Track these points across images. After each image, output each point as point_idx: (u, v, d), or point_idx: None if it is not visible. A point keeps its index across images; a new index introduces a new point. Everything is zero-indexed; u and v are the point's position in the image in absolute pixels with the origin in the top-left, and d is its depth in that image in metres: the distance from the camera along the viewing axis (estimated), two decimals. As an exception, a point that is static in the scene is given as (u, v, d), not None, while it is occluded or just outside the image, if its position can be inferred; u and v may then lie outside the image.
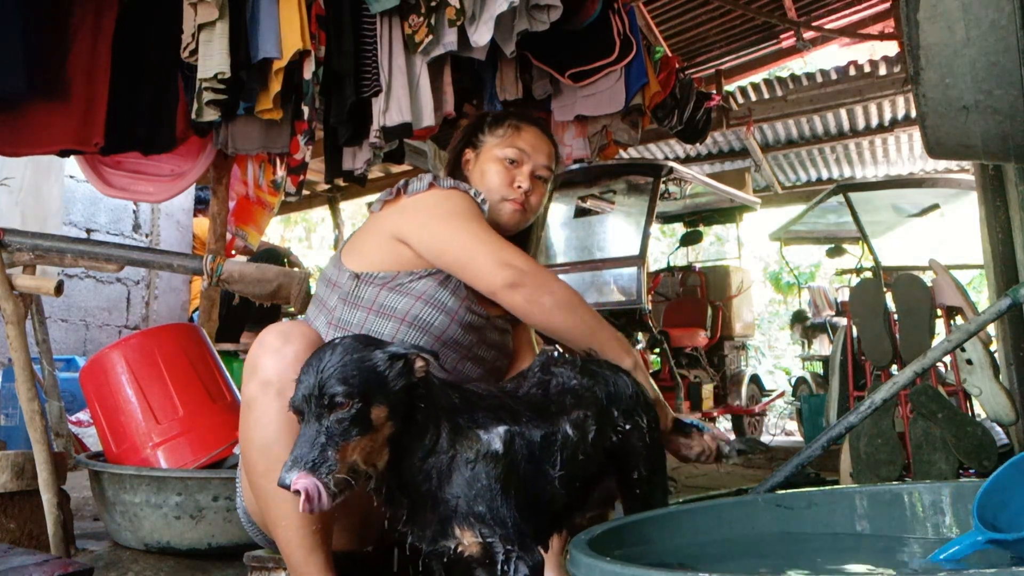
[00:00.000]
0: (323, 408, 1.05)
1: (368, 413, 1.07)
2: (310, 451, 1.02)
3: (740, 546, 1.25)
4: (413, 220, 1.57)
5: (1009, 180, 2.87)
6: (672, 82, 4.24)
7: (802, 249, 11.14)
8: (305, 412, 1.06)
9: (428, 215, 1.56)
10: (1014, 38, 1.54)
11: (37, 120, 2.70)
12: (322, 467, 1.02)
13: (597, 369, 1.41)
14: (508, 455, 1.15)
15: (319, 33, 2.77)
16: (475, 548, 1.13)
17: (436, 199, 1.58)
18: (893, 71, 5.96)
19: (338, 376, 1.06)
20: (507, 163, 1.70)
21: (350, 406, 1.05)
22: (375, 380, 1.08)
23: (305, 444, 1.03)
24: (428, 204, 1.57)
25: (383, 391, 1.09)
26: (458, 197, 1.58)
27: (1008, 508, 1.09)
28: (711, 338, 6.46)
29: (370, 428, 1.07)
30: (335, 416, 1.05)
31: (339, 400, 1.05)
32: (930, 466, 2.66)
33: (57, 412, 2.53)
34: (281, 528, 1.31)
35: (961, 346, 2.62)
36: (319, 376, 1.06)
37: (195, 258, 2.51)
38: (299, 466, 1.01)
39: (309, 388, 1.06)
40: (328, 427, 1.04)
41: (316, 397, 1.05)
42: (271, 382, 1.30)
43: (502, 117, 1.78)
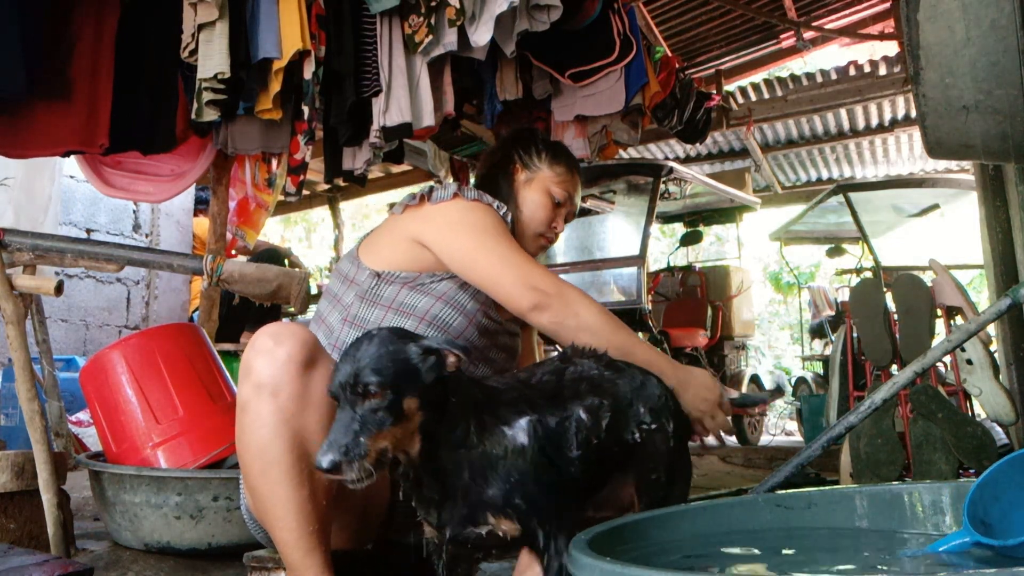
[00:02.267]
0: (357, 396, 1.10)
1: (400, 403, 1.11)
2: (344, 436, 1.07)
3: (740, 545, 1.25)
4: (438, 230, 1.57)
5: (1009, 180, 2.87)
6: (672, 82, 4.25)
7: (802, 249, 11.15)
8: (341, 399, 1.11)
9: (454, 228, 1.56)
10: (1014, 38, 1.54)
11: (41, 122, 2.70)
12: (354, 451, 1.06)
13: (625, 367, 1.43)
14: (533, 445, 1.22)
15: (319, 33, 2.77)
16: (515, 532, 1.20)
17: (462, 211, 1.57)
18: (893, 71, 5.96)
19: (373, 367, 1.10)
20: (555, 203, 1.77)
21: (383, 396, 1.10)
22: (408, 372, 1.13)
23: (340, 429, 1.08)
24: (454, 216, 1.57)
25: (415, 383, 1.13)
26: (483, 211, 1.58)
27: (999, 502, 1.09)
28: (711, 338, 6.46)
29: (402, 417, 1.12)
30: (369, 404, 1.09)
31: (373, 390, 1.10)
32: (930, 466, 2.66)
33: (57, 412, 2.53)
34: (279, 529, 1.31)
35: (961, 346, 2.62)
36: (355, 365, 1.11)
37: (195, 258, 2.51)
38: (333, 450, 1.06)
39: (346, 376, 1.11)
40: (362, 415, 1.09)
41: (351, 385, 1.10)
42: (264, 385, 1.30)
43: (560, 154, 1.82)
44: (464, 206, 1.58)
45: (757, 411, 6.76)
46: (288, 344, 1.31)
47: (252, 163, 4.06)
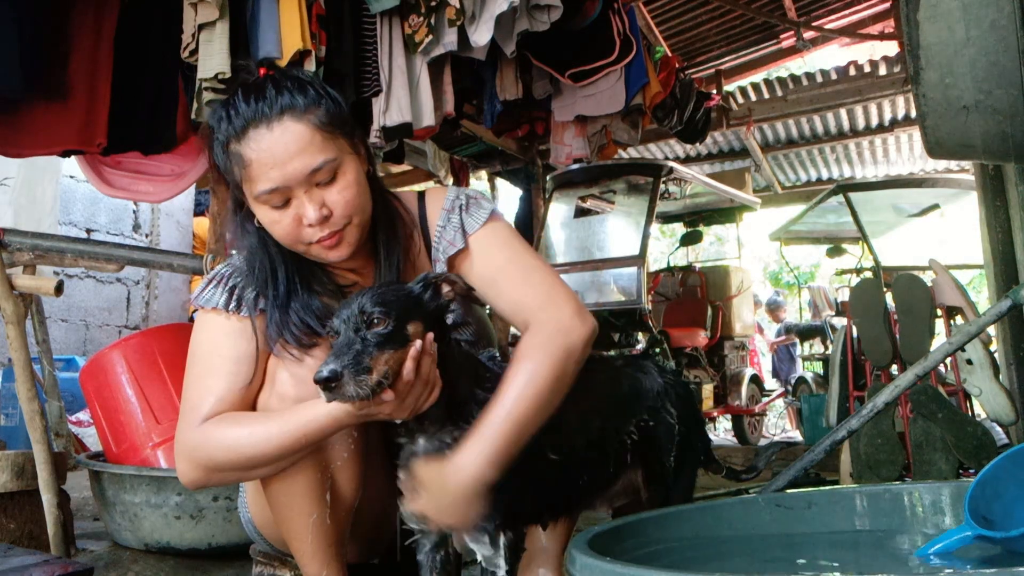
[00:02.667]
0: (361, 323, 1.12)
1: (404, 329, 1.13)
2: (347, 352, 1.07)
3: (740, 546, 1.26)
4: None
5: (1009, 180, 2.87)
6: (672, 82, 4.25)
7: (802, 249, 11.15)
8: (342, 330, 1.13)
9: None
10: (1014, 38, 1.54)
11: (40, 121, 2.70)
12: (357, 366, 1.06)
13: (627, 357, 1.47)
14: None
15: (319, 33, 2.76)
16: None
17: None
18: (893, 71, 5.96)
19: (376, 300, 1.14)
20: (275, 208, 1.24)
21: (387, 323, 1.12)
22: (410, 302, 1.17)
23: (342, 347, 1.09)
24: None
25: (418, 310, 1.17)
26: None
27: (1001, 499, 1.10)
28: (711, 338, 6.46)
29: (406, 342, 1.12)
30: (373, 331, 1.11)
31: (376, 318, 1.12)
32: (930, 466, 2.66)
33: (57, 412, 2.53)
34: (299, 540, 1.31)
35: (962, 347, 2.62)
36: (359, 301, 1.13)
37: (195, 258, 2.51)
38: (333, 362, 1.06)
39: (349, 312, 1.13)
40: (364, 336, 1.10)
41: (356, 316, 1.12)
42: (288, 397, 1.27)
43: (217, 143, 1.26)
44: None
45: (757, 410, 6.76)
46: (318, 356, 1.26)
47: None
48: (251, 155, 1.20)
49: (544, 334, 1.27)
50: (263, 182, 1.21)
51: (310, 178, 1.21)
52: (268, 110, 1.20)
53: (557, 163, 3.99)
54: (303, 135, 1.20)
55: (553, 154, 3.92)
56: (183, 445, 1.26)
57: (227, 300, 1.31)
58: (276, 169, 1.20)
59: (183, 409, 1.29)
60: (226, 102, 1.25)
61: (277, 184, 1.20)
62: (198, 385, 1.29)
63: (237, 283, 1.33)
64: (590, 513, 1.65)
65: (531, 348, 1.25)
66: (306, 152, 1.20)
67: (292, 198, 1.22)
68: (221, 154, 1.26)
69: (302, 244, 1.26)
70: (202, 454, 1.24)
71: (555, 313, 1.29)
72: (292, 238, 1.25)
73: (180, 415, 1.29)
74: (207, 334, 1.32)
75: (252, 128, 1.20)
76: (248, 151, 1.20)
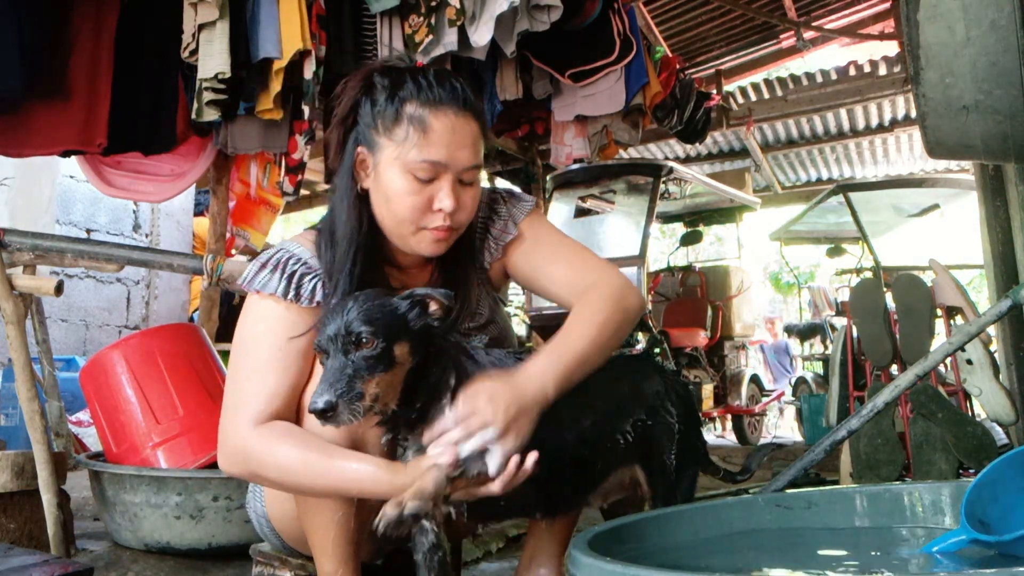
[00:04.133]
0: (349, 345, 1.12)
1: (391, 350, 1.14)
2: (339, 380, 1.09)
3: (740, 546, 1.26)
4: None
5: (1009, 180, 2.86)
6: (672, 82, 4.25)
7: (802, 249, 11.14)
8: (331, 351, 1.13)
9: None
10: (1014, 38, 1.54)
11: (40, 121, 2.70)
12: (349, 394, 1.08)
13: (626, 357, 1.48)
14: None
15: (319, 33, 2.77)
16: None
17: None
18: (893, 71, 5.96)
19: (363, 318, 1.13)
20: (418, 180, 1.27)
21: (374, 344, 1.12)
22: (397, 321, 1.16)
23: (334, 374, 1.10)
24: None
25: (405, 330, 1.16)
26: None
27: (998, 502, 1.10)
28: (711, 338, 6.45)
29: (393, 364, 1.14)
30: (361, 353, 1.12)
31: (364, 338, 1.12)
32: (930, 466, 2.66)
33: (57, 412, 2.53)
34: (320, 536, 1.31)
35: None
36: (345, 318, 1.13)
37: (195, 258, 2.51)
38: (328, 392, 1.08)
39: (336, 329, 1.13)
40: (354, 361, 1.11)
41: (343, 336, 1.12)
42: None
43: (393, 97, 1.28)
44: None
45: (757, 410, 6.76)
46: None
47: (261, 165, 4.05)
48: (437, 124, 1.27)
49: (603, 292, 1.34)
50: (432, 152, 1.26)
51: (462, 172, 1.30)
52: (460, 100, 1.29)
53: (557, 163, 3.98)
54: (476, 135, 1.32)
55: (553, 154, 3.92)
56: (233, 443, 1.27)
57: (286, 288, 1.31)
58: (450, 148, 1.27)
59: (232, 400, 1.30)
60: (411, 72, 1.31)
61: (443, 160, 1.27)
62: (252, 377, 1.29)
63: (296, 270, 1.33)
64: (589, 512, 1.65)
65: (592, 300, 1.33)
66: (474, 148, 1.31)
67: (438, 180, 1.28)
68: (384, 107, 1.29)
69: (415, 225, 1.30)
70: (253, 462, 1.25)
71: (613, 278, 1.38)
72: (415, 214, 1.28)
73: (228, 406, 1.30)
74: (264, 323, 1.32)
75: (446, 105, 1.28)
76: (436, 120, 1.27)
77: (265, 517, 1.51)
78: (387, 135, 1.28)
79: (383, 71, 1.33)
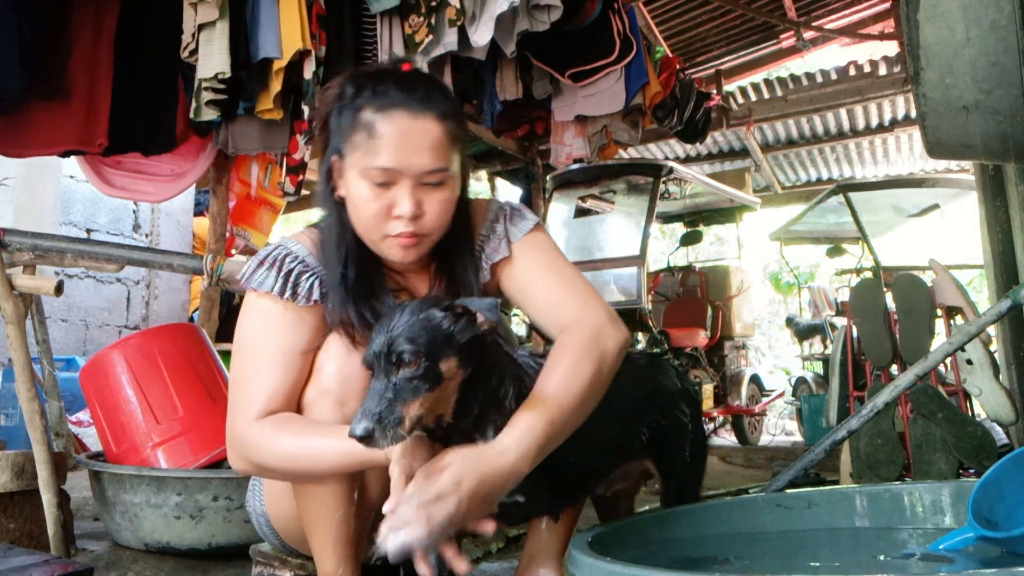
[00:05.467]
0: (392, 365, 1.08)
1: (437, 368, 1.10)
2: (377, 404, 1.05)
3: (740, 545, 1.26)
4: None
5: (1009, 180, 2.87)
6: (672, 82, 4.25)
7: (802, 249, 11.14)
8: (375, 369, 1.10)
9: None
10: (1014, 38, 1.54)
11: (41, 121, 2.70)
12: (387, 419, 1.04)
13: (653, 357, 1.51)
14: None
15: (319, 33, 2.77)
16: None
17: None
18: (893, 71, 5.96)
19: (407, 335, 1.09)
20: (376, 186, 1.24)
21: (418, 364, 1.08)
22: (442, 337, 1.11)
23: (374, 397, 1.06)
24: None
25: (451, 345, 1.12)
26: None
27: (1004, 501, 1.10)
28: (711, 338, 6.46)
29: (440, 381, 1.10)
30: (403, 373, 1.08)
31: (407, 358, 1.08)
32: (930, 466, 2.66)
33: (57, 412, 2.53)
34: (320, 534, 1.31)
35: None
36: (388, 335, 1.10)
37: (195, 258, 2.51)
38: (367, 417, 1.04)
39: (379, 346, 1.10)
40: (396, 383, 1.07)
41: (385, 355, 1.09)
42: (331, 391, 1.27)
43: (352, 105, 1.26)
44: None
45: (757, 410, 6.77)
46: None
47: (262, 165, 4.05)
48: (384, 129, 1.22)
49: (580, 336, 1.27)
50: (381, 158, 1.22)
51: (421, 176, 1.23)
52: (418, 102, 1.23)
53: (557, 163, 3.98)
54: (437, 137, 1.24)
55: (553, 154, 3.92)
56: (238, 439, 1.27)
57: (282, 286, 1.31)
58: (400, 153, 1.22)
59: (235, 399, 1.29)
60: (375, 76, 1.27)
61: (393, 165, 1.22)
62: (253, 376, 1.28)
63: (292, 268, 1.33)
64: (589, 512, 1.65)
65: (568, 348, 1.26)
66: (434, 152, 1.23)
67: (395, 185, 1.23)
68: (345, 115, 1.26)
69: (379, 232, 1.26)
70: (256, 455, 1.25)
71: (591, 318, 1.31)
72: (375, 221, 1.25)
73: (232, 404, 1.29)
74: (261, 322, 1.31)
75: (398, 108, 1.22)
76: (383, 125, 1.22)
77: (264, 516, 1.51)
78: (347, 143, 1.26)
79: (351, 77, 1.30)
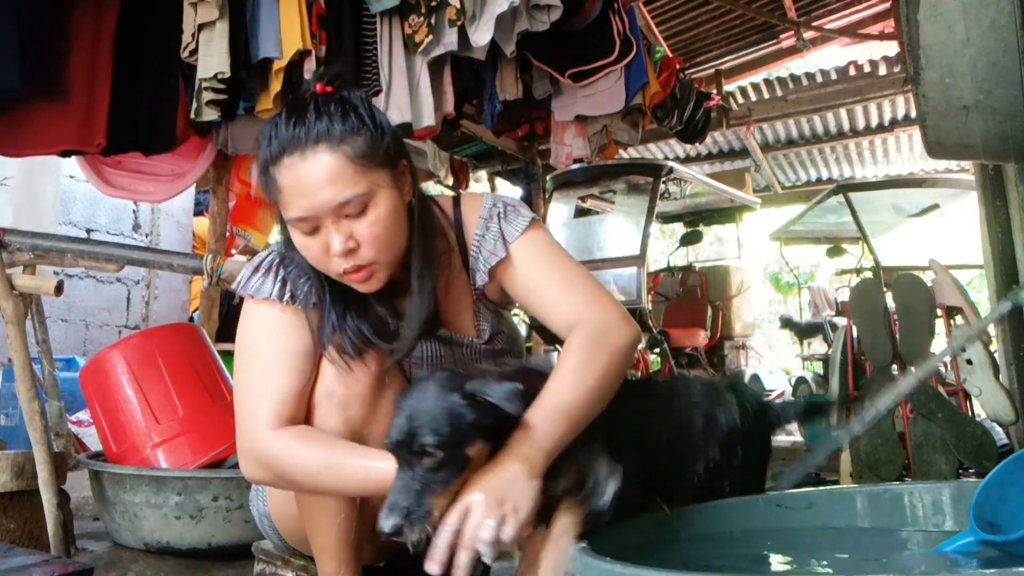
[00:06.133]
0: (415, 455, 1.06)
1: (462, 455, 1.08)
2: (405, 498, 1.04)
3: (740, 545, 1.26)
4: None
5: (1009, 180, 2.86)
6: (672, 82, 4.25)
7: (802, 249, 11.14)
8: (399, 457, 1.08)
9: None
10: (1014, 38, 1.54)
11: (39, 121, 2.70)
12: (416, 513, 1.03)
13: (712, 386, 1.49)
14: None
15: (319, 33, 2.77)
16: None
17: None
18: (893, 71, 5.96)
19: (430, 426, 1.07)
20: (306, 235, 1.22)
21: (442, 455, 1.06)
22: (465, 424, 1.08)
23: (401, 490, 1.05)
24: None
25: (475, 429, 1.09)
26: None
27: (1007, 503, 1.09)
28: (711, 338, 6.46)
29: (467, 463, 1.08)
30: (428, 464, 1.06)
31: (430, 451, 1.06)
32: (930, 466, 2.66)
33: (57, 412, 2.53)
34: (322, 535, 1.32)
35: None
36: (410, 424, 1.08)
37: (195, 258, 2.51)
38: (395, 514, 1.03)
39: (401, 435, 1.08)
40: (422, 475, 1.06)
41: (407, 445, 1.07)
42: (335, 393, 1.28)
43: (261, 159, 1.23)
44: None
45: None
46: (368, 363, 1.29)
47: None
48: (283, 182, 1.19)
49: (590, 333, 1.25)
50: (293, 210, 1.20)
51: (338, 210, 1.18)
52: (304, 137, 1.18)
53: (557, 163, 3.99)
54: (334, 167, 1.17)
55: (553, 154, 3.92)
56: (254, 449, 1.25)
57: (280, 291, 1.30)
58: (305, 198, 1.18)
59: (247, 406, 1.27)
60: (272, 121, 1.24)
61: (305, 213, 1.18)
62: (261, 382, 1.27)
63: (288, 273, 1.32)
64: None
65: (578, 346, 1.23)
66: (336, 184, 1.17)
67: (321, 227, 1.20)
68: (262, 175, 1.25)
69: (332, 272, 1.24)
70: (277, 465, 1.24)
71: (600, 315, 1.28)
72: (321, 266, 1.24)
73: (243, 412, 1.28)
74: (264, 327, 1.30)
75: (287, 155, 1.18)
76: (281, 177, 1.19)
77: (268, 516, 1.51)
78: (270, 198, 1.25)
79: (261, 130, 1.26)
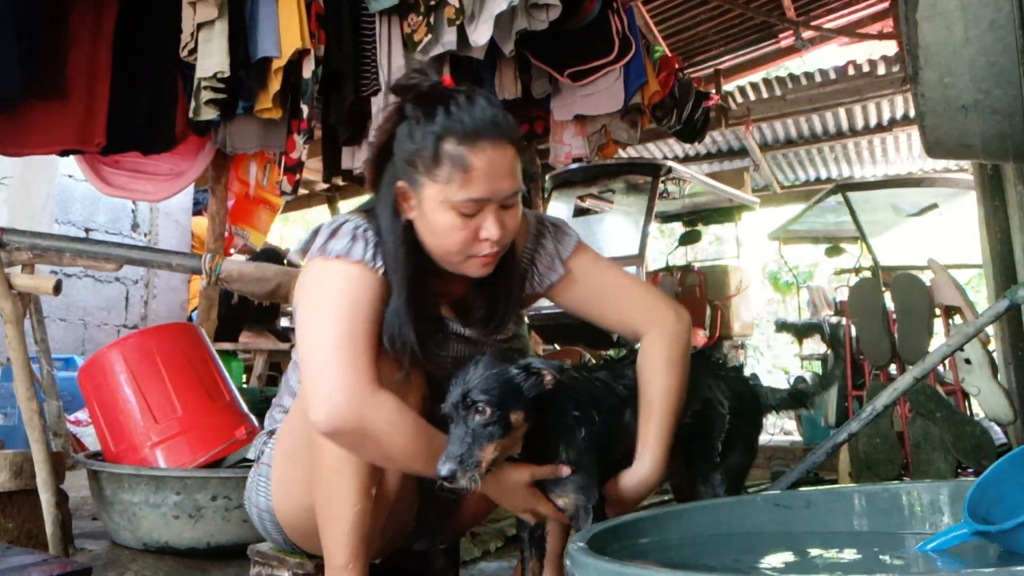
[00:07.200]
0: (468, 413, 1.24)
1: (507, 418, 1.26)
2: (459, 448, 1.22)
3: (739, 545, 1.26)
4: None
5: (1008, 180, 2.87)
6: (671, 82, 4.24)
7: (801, 249, 11.15)
8: (454, 416, 1.26)
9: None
10: (1013, 37, 1.54)
11: (39, 120, 2.70)
12: (468, 462, 1.21)
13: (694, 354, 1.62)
14: (589, 451, 1.39)
15: (318, 32, 2.77)
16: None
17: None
18: (892, 71, 5.96)
19: (481, 387, 1.25)
20: (463, 216, 1.28)
21: (492, 413, 1.24)
22: (512, 390, 1.27)
23: (455, 442, 1.23)
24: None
25: (520, 398, 1.28)
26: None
27: (1004, 502, 1.09)
28: (710, 338, 6.45)
29: (509, 429, 1.26)
30: (478, 420, 1.24)
31: (480, 407, 1.24)
32: (928, 465, 2.66)
33: (55, 411, 2.53)
34: (334, 527, 1.32)
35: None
36: (465, 386, 1.26)
37: (194, 257, 2.51)
38: (451, 460, 1.20)
39: (457, 396, 1.26)
40: (473, 429, 1.24)
41: (462, 404, 1.25)
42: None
43: (430, 135, 1.27)
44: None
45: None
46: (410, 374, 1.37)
47: (261, 164, 4.05)
48: (476, 163, 1.26)
49: (662, 347, 1.48)
50: (474, 190, 1.27)
51: (507, 199, 1.31)
52: (498, 130, 1.28)
53: (556, 162, 3.98)
54: (514, 160, 1.31)
55: (552, 153, 3.91)
56: (359, 400, 1.24)
57: (373, 254, 1.34)
58: (491, 183, 1.27)
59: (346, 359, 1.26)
60: (444, 100, 1.29)
61: (486, 195, 1.28)
62: (363, 339, 1.29)
63: (375, 240, 1.35)
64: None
65: (657, 363, 1.47)
66: (513, 176, 1.31)
67: (483, 212, 1.29)
68: (421, 143, 1.28)
69: (463, 255, 1.33)
70: (372, 426, 1.25)
71: (661, 321, 1.51)
72: (463, 245, 1.31)
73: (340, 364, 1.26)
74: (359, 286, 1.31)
75: (484, 139, 1.26)
76: (475, 158, 1.26)
77: (269, 511, 1.51)
78: (428, 175, 1.28)
79: (416, 101, 1.32)
